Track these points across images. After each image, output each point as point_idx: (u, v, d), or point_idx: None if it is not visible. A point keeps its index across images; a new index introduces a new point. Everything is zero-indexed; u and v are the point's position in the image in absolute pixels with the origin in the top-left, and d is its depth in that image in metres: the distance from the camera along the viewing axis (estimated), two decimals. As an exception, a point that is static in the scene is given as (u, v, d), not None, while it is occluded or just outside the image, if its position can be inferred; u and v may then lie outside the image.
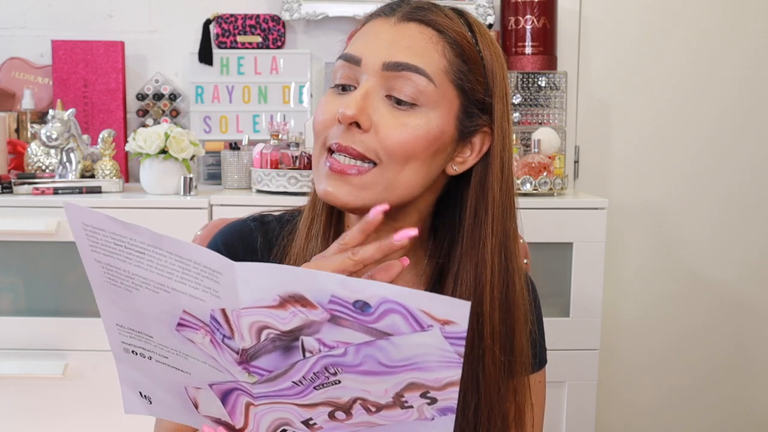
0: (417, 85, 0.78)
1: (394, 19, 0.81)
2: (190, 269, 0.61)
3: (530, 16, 2.02)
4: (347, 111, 0.77)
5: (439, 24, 0.80)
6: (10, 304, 1.71)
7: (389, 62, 0.78)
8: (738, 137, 2.22)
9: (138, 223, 0.62)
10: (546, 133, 1.87)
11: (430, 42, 0.80)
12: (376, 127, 0.78)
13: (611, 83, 2.19)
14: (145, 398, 0.73)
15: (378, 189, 0.79)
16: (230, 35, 2.08)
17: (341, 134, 0.78)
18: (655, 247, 2.23)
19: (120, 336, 0.70)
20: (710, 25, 2.20)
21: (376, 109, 0.78)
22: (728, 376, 2.28)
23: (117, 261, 0.64)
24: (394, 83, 0.78)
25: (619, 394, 2.26)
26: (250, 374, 0.64)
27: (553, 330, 1.75)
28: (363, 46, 0.80)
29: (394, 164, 0.78)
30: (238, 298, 0.60)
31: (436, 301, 0.56)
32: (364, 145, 0.78)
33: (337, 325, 0.59)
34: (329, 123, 0.80)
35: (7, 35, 2.09)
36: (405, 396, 0.62)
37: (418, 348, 0.58)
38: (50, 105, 2.03)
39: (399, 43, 0.79)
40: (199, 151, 1.79)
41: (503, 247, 0.83)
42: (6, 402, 1.70)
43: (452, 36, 0.80)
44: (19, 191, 1.73)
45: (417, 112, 0.78)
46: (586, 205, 1.74)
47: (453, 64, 0.80)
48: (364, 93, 0.78)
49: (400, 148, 0.78)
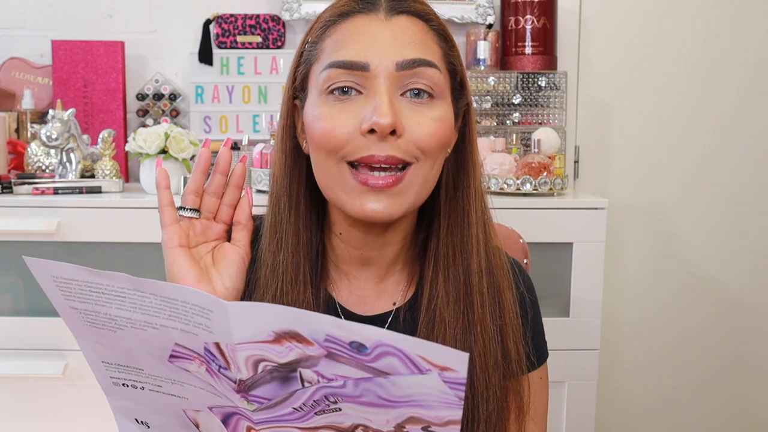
0: (431, 78, 0.77)
1: (382, 14, 0.78)
2: (177, 308, 0.60)
3: (530, 16, 2.02)
4: (383, 120, 0.73)
5: (421, 12, 0.79)
6: (10, 304, 1.71)
7: (403, 61, 0.76)
8: (738, 137, 2.22)
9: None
10: (546, 133, 1.87)
11: (425, 33, 0.79)
12: (407, 129, 0.76)
13: (611, 83, 2.19)
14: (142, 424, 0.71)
15: (415, 189, 0.78)
16: (230, 35, 2.08)
17: (377, 145, 0.74)
18: (655, 247, 2.23)
19: (107, 372, 0.68)
20: (710, 25, 2.20)
21: (401, 110, 0.76)
22: (728, 376, 2.28)
23: (95, 306, 0.62)
24: (407, 80, 0.77)
25: (619, 394, 2.26)
26: (249, 402, 0.63)
27: (553, 330, 1.75)
28: (364, 49, 0.76)
29: (429, 160, 0.77)
30: (232, 335, 0.58)
31: (433, 350, 0.55)
32: (401, 149, 0.75)
33: (334, 360, 0.58)
34: (349, 136, 0.75)
35: (7, 35, 2.09)
36: (407, 427, 0.61)
37: (418, 388, 0.57)
38: (50, 105, 2.03)
39: (401, 39, 0.77)
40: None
41: (484, 220, 0.85)
42: (6, 402, 1.70)
43: (435, 21, 0.80)
44: (19, 191, 1.73)
45: (435, 103, 0.78)
46: (586, 205, 1.74)
47: (443, 49, 0.80)
48: (389, 98, 0.75)
49: (435, 143, 0.77)
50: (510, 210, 1.70)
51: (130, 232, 1.65)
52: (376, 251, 0.85)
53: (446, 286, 0.83)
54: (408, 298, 0.87)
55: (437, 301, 0.83)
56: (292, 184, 0.84)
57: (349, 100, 0.76)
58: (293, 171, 0.84)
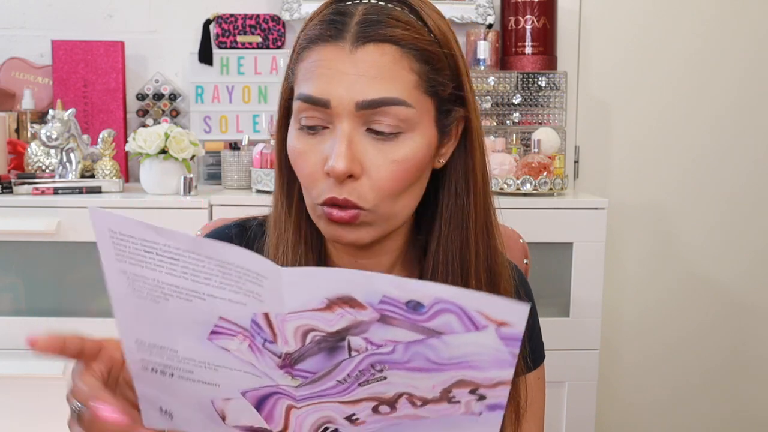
0: (397, 115, 0.74)
1: (348, 45, 0.73)
2: (231, 273, 0.58)
3: (530, 16, 2.02)
4: (338, 167, 0.73)
5: (396, 37, 0.74)
6: (10, 304, 1.71)
7: (363, 101, 0.73)
8: (738, 137, 2.22)
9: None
10: (546, 133, 1.87)
11: (395, 62, 0.74)
12: (366, 171, 0.75)
13: (611, 83, 2.19)
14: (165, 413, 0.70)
15: (380, 223, 0.78)
16: (230, 35, 2.08)
17: (333, 188, 0.75)
18: (655, 247, 2.23)
19: (139, 353, 0.66)
20: (710, 25, 2.20)
21: (363, 151, 0.74)
22: (728, 375, 2.28)
23: (146, 270, 0.61)
24: (372, 118, 0.74)
25: (619, 394, 2.26)
26: (294, 378, 0.62)
27: (553, 330, 1.75)
28: (325, 85, 0.73)
29: (387, 202, 0.77)
30: (284, 303, 0.58)
31: (494, 302, 0.54)
32: (356, 193, 0.75)
33: (386, 324, 0.57)
34: (316, 176, 0.76)
35: (7, 35, 2.09)
36: (453, 392, 0.60)
37: (471, 347, 0.56)
38: (50, 105, 2.03)
39: (366, 75, 0.73)
40: (199, 151, 1.79)
41: (486, 227, 0.83)
42: (6, 402, 1.70)
43: (412, 44, 0.75)
44: (19, 191, 1.73)
45: (402, 139, 0.75)
46: (586, 205, 1.74)
47: (422, 74, 0.75)
48: (348, 141, 0.73)
49: (393, 186, 0.76)
50: (510, 210, 1.68)
51: (130, 232, 1.65)
52: (371, 259, 0.86)
53: None
54: None
55: None
56: (291, 185, 0.85)
57: (318, 135, 0.76)
58: (291, 173, 0.84)
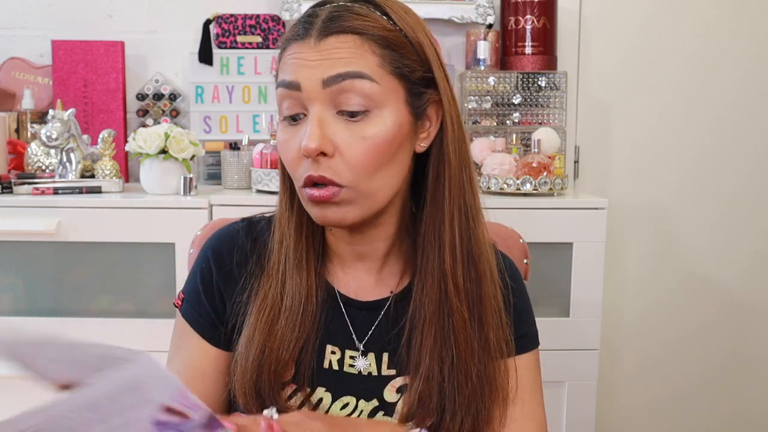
0: (362, 90, 0.80)
1: (312, 40, 0.81)
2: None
3: (530, 16, 2.02)
4: (310, 144, 0.79)
5: (356, 28, 0.81)
6: (10, 304, 1.71)
7: (328, 77, 0.79)
8: (738, 137, 2.22)
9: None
10: (546, 133, 1.86)
11: (357, 47, 0.81)
12: (339, 150, 0.80)
13: (611, 83, 2.19)
14: None
15: (360, 201, 0.83)
16: (230, 35, 2.08)
17: (313, 166, 0.80)
18: (654, 247, 2.23)
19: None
20: (710, 25, 2.20)
21: (334, 131, 0.80)
22: (728, 375, 2.28)
23: None
24: (340, 98, 0.80)
25: (619, 394, 2.26)
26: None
27: (553, 330, 1.75)
28: (296, 70, 0.81)
29: (362, 179, 0.81)
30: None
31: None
32: (331, 170, 0.80)
33: None
34: (297, 161, 0.82)
35: (7, 35, 2.09)
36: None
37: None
38: (50, 105, 2.03)
39: (329, 58, 0.80)
40: (199, 151, 1.79)
41: (463, 203, 0.87)
42: (6, 402, 1.70)
43: (372, 32, 0.81)
44: (19, 191, 1.73)
45: (371, 117, 0.81)
46: (586, 205, 1.74)
47: (385, 56, 0.81)
48: (318, 121, 0.80)
49: (366, 162, 0.81)
50: (510, 210, 1.70)
51: (130, 232, 1.65)
52: (366, 246, 0.91)
53: (430, 275, 0.87)
54: (404, 287, 0.92)
55: (421, 289, 0.88)
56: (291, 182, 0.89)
57: (298, 125, 0.83)
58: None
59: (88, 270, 1.71)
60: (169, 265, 1.65)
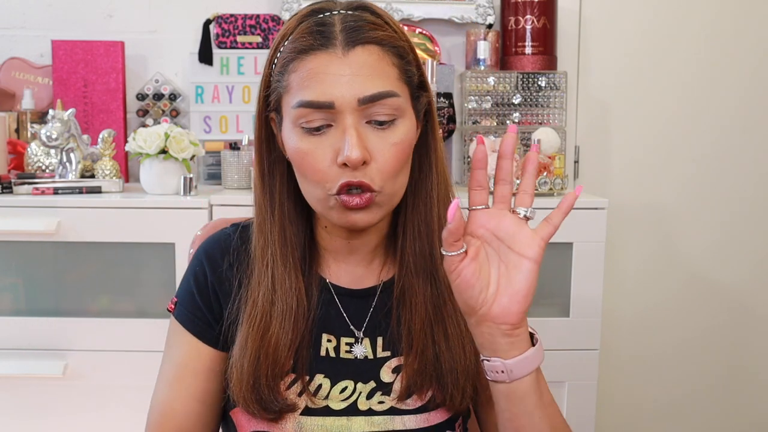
0: (392, 105, 0.84)
1: (339, 50, 0.83)
2: None
3: (530, 16, 2.02)
4: (354, 155, 0.81)
5: (376, 38, 0.84)
6: (10, 304, 1.71)
7: (364, 97, 0.82)
8: (739, 137, 2.22)
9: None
10: (546, 133, 1.86)
11: (380, 60, 0.84)
12: (373, 157, 0.84)
13: (611, 83, 2.19)
14: None
15: (386, 203, 0.87)
16: (230, 35, 2.08)
17: (351, 173, 0.83)
18: (654, 247, 2.23)
19: None
20: (711, 25, 2.19)
21: (367, 140, 0.84)
22: (728, 375, 2.28)
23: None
24: (371, 110, 0.83)
25: (619, 394, 2.26)
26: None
27: (553, 330, 1.75)
28: (327, 88, 0.82)
29: (390, 182, 0.86)
30: None
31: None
32: (368, 177, 0.84)
33: None
34: (327, 170, 0.84)
35: (7, 35, 2.09)
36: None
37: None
38: (50, 105, 2.03)
39: (360, 74, 0.82)
40: (199, 151, 1.79)
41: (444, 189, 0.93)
42: (6, 402, 1.70)
43: (388, 42, 0.85)
44: (19, 191, 1.73)
45: (396, 126, 0.85)
46: (586, 205, 1.74)
47: (400, 67, 0.86)
48: (357, 132, 0.82)
49: (397, 165, 0.85)
50: (510, 210, 1.69)
51: (130, 232, 1.65)
52: (360, 239, 0.94)
53: (414, 259, 0.92)
54: (393, 273, 0.96)
55: (409, 272, 0.93)
56: (273, 190, 0.92)
57: (323, 134, 0.84)
58: (273, 177, 0.92)
59: (88, 270, 1.71)
60: (169, 265, 1.65)
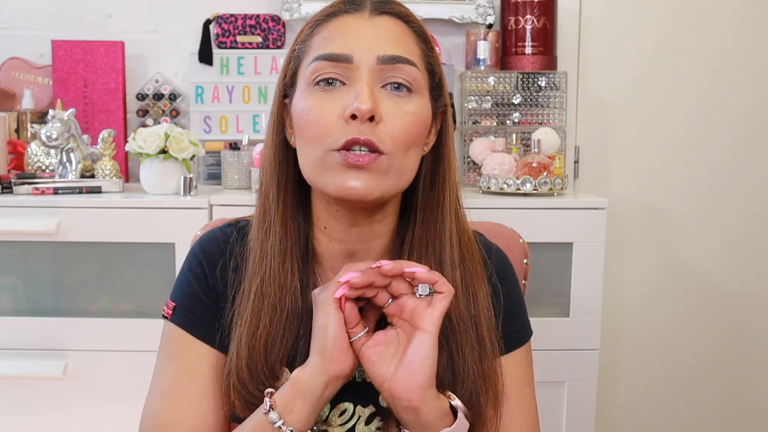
0: (410, 74, 0.83)
1: (366, 13, 0.84)
2: None
3: (530, 16, 2.02)
4: (363, 106, 0.78)
5: (403, 15, 0.86)
6: (10, 304, 1.71)
7: (384, 56, 0.81)
8: (738, 137, 2.22)
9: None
10: (546, 133, 1.86)
11: (406, 33, 0.85)
12: (384, 119, 0.81)
13: (611, 83, 2.19)
14: None
15: (391, 175, 0.82)
16: (230, 35, 2.08)
17: (358, 128, 0.79)
18: (654, 247, 2.23)
19: None
20: (711, 25, 2.20)
21: (380, 100, 0.81)
22: (728, 376, 2.28)
23: None
24: (388, 74, 0.82)
25: (619, 394, 2.26)
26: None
27: (553, 330, 1.75)
28: (348, 42, 0.82)
29: (400, 151, 0.82)
30: None
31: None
32: (376, 136, 0.80)
33: None
34: (333, 124, 0.80)
35: (7, 35, 2.09)
36: None
37: None
38: (50, 105, 2.03)
39: (384, 36, 0.83)
40: (199, 151, 1.79)
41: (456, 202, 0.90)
42: (6, 402, 1.70)
43: (415, 24, 0.86)
44: (19, 191, 1.73)
45: (412, 97, 0.83)
46: (586, 205, 1.74)
47: (423, 50, 0.86)
48: (370, 87, 0.80)
49: (406, 136, 0.82)
50: (510, 210, 1.70)
51: (130, 232, 1.65)
52: (361, 244, 0.89)
53: None
54: None
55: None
56: (281, 177, 0.88)
57: (334, 90, 0.82)
58: (281, 164, 0.89)
59: (88, 270, 1.71)
60: (169, 265, 1.65)
